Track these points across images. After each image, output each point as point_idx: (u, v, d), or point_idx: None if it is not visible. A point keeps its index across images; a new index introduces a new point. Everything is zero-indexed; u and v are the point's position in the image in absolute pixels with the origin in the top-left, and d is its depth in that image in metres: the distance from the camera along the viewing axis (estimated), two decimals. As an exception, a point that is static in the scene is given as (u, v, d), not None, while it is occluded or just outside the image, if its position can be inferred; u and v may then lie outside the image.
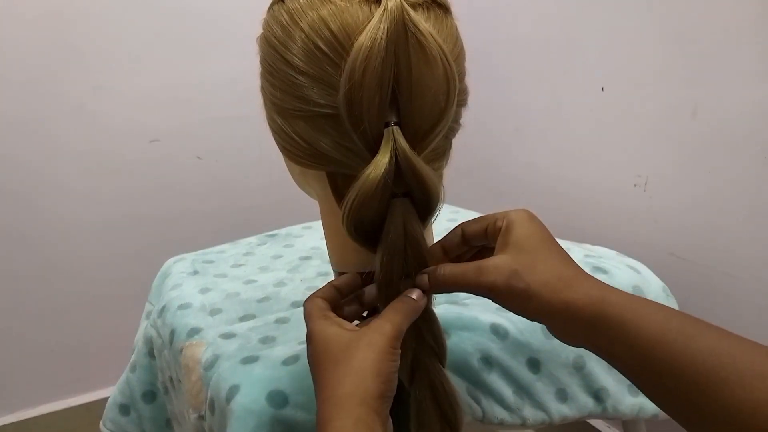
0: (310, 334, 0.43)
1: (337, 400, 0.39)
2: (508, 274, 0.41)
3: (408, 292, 0.44)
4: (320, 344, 0.42)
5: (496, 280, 0.41)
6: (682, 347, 0.35)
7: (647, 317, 0.37)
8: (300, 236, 1.05)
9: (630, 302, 0.39)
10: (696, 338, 0.36)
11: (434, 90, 0.42)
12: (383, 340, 0.41)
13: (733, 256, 0.90)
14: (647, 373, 0.37)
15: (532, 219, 0.45)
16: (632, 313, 0.38)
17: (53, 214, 1.36)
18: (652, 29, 0.97)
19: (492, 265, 0.42)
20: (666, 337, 0.36)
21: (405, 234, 0.43)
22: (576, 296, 0.39)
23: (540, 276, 0.41)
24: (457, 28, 0.47)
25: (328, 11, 0.42)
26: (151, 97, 1.39)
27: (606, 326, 0.38)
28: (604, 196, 1.10)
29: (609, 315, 0.38)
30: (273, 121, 0.48)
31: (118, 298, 1.45)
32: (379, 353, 0.40)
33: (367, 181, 0.41)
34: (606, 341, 0.38)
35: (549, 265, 0.42)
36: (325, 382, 0.40)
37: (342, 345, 0.41)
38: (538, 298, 0.40)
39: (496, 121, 1.37)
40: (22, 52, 1.26)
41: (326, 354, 0.41)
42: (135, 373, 0.81)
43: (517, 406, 0.64)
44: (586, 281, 0.41)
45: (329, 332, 0.42)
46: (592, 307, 0.39)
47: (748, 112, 0.85)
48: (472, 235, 0.47)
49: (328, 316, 0.44)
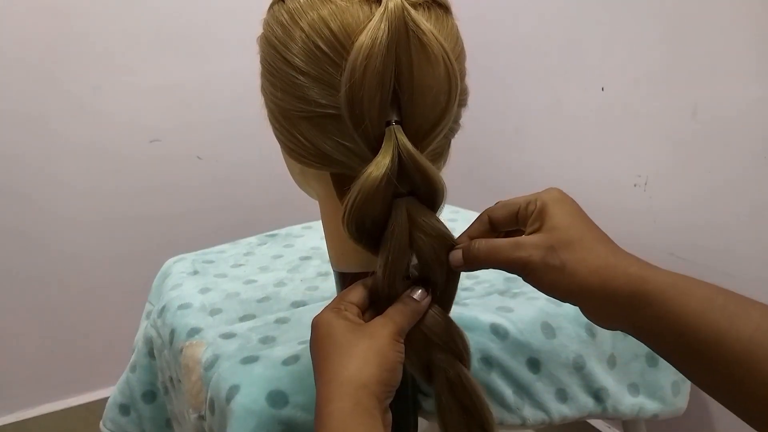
0: (316, 322, 0.44)
1: (338, 383, 0.39)
2: (545, 251, 0.40)
3: (410, 292, 0.44)
4: (324, 330, 0.42)
5: (532, 255, 0.40)
6: (726, 324, 0.34)
7: (690, 294, 0.36)
8: (300, 236, 1.05)
9: (672, 279, 0.37)
10: (740, 315, 0.35)
11: (436, 89, 0.42)
12: (386, 332, 0.42)
13: (733, 256, 0.90)
14: (690, 352, 0.36)
15: (565, 198, 0.44)
16: (674, 290, 0.37)
17: (53, 214, 1.36)
18: (652, 29, 0.97)
19: (528, 241, 0.41)
20: (710, 314, 0.35)
21: (410, 232, 0.43)
22: (614, 274, 0.38)
23: (577, 254, 0.40)
24: (458, 27, 0.47)
25: (329, 11, 0.42)
26: (151, 97, 1.39)
27: (646, 304, 0.37)
28: (604, 196, 1.10)
29: (649, 293, 0.37)
30: (275, 121, 0.48)
31: (118, 298, 1.45)
32: (383, 343, 0.41)
33: (368, 181, 0.41)
34: (646, 320, 0.37)
35: (586, 244, 0.41)
36: (327, 366, 0.41)
37: (347, 333, 0.42)
38: (574, 276, 0.39)
39: (496, 121, 1.37)
40: (22, 52, 1.26)
41: (330, 339, 0.42)
42: (135, 373, 0.81)
43: (517, 406, 0.64)
44: (624, 259, 0.40)
45: (335, 321, 0.43)
46: (631, 285, 0.37)
47: (748, 112, 0.85)
48: (500, 220, 0.46)
49: (339, 310, 0.44)
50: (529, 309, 0.68)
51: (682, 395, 0.75)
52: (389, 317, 0.43)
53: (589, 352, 0.67)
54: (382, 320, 0.43)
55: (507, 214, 0.45)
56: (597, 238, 0.41)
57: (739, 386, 0.34)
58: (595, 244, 0.41)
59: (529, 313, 0.67)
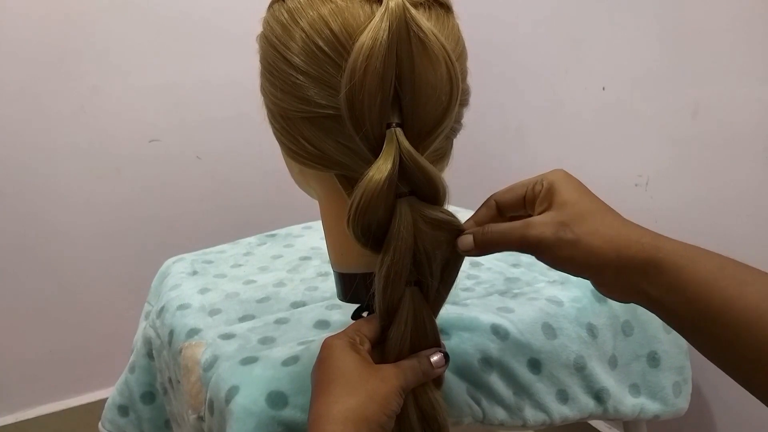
0: (328, 345, 0.44)
1: (344, 408, 0.40)
2: (557, 226, 0.40)
3: (431, 354, 0.45)
4: (336, 355, 0.43)
5: (544, 231, 0.41)
6: (736, 292, 0.35)
7: (701, 263, 0.37)
8: (300, 236, 1.05)
9: (683, 249, 0.38)
10: (750, 283, 0.35)
11: (437, 89, 0.41)
12: (396, 383, 0.43)
13: (733, 256, 0.90)
14: (700, 319, 0.36)
15: (570, 177, 0.44)
16: (686, 260, 0.37)
17: (53, 214, 1.36)
18: (653, 29, 0.97)
19: (539, 219, 0.42)
20: (720, 282, 0.36)
21: (415, 230, 0.43)
22: (628, 243, 0.39)
23: (589, 226, 0.40)
24: (459, 27, 0.47)
25: (329, 10, 0.42)
26: (151, 97, 1.39)
27: (659, 272, 0.37)
28: (604, 196, 1.09)
29: (662, 261, 0.37)
30: (274, 122, 0.48)
31: (117, 298, 1.45)
32: (390, 391, 0.42)
33: (371, 184, 0.41)
34: (658, 289, 0.38)
35: (597, 217, 0.41)
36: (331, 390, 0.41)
37: (359, 368, 0.42)
38: (589, 248, 0.39)
39: (497, 120, 1.37)
40: (22, 52, 1.26)
41: (339, 368, 0.42)
42: (134, 374, 0.81)
43: (517, 407, 0.64)
44: (636, 229, 0.40)
45: (349, 353, 0.43)
46: (645, 253, 0.38)
47: (749, 112, 0.85)
48: (507, 204, 0.46)
49: (354, 343, 0.45)
50: (530, 309, 0.67)
51: (684, 396, 0.75)
52: (402, 370, 0.44)
53: (590, 352, 0.67)
54: (396, 371, 0.43)
55: (514, 197, 0.46)
56: (606, 210, 0.42)
57: (747, 355, 0.34)
58: (605, 216, 0.41)
59: (529, 313, 0.67)
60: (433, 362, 0.45)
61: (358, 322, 0.47)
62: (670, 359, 0.73)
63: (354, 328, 0.46)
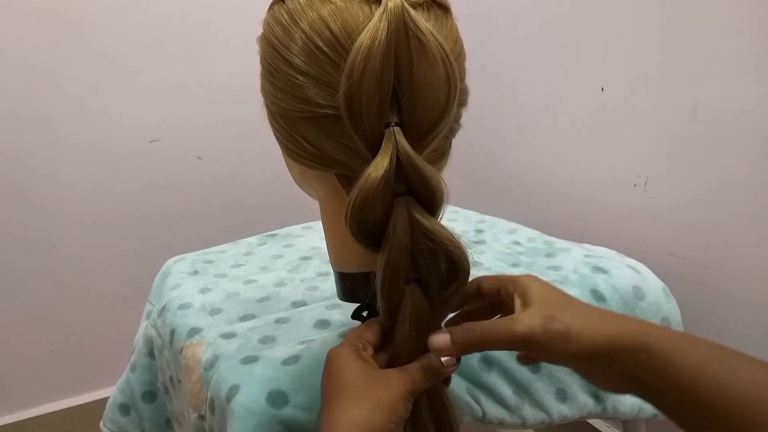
0: (333, 356, 0.45)
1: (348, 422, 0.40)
2: (545, 319, 0.40)
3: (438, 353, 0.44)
4: (341, 365, 0.44)
5: (533, 325, 0.40)
6: (726, 378, 0.35)
7: (690, 349, 0.37)
8: (300, 236, 1.05)
9: (670, 334, 0.39)
10: (738, 369, 0.36)
11: (435, 89, 0.42)
12: (402, 388, 0.42)
13: (732, 256, 0.90)
14: (692, 405, 0.36)
15: (541, 280, 0.46)
16: (674, 345, 0.37)
17: (53, 214, 1.36)
18: (652, 29, 0.97)
19: (525, 315, 0.42)
20: (710, 368, 0.36)
21: (411, 230, 0.43)
22: (618, 330, 0.39)
23: (575, 316, 0.40)
24: (457, 28, 0.47)
25: (329, 11, 0.42)
26: (151, 97, 1.39)
27: (650, 357, 0.37)
28: (603, 196, 1.10)
29: (652, 346, 0.37)
30: (274, 122, 0.48)
31: (118, 298, 1.45)
32: (396, 397, 0.42)
33: (368, 182, 0.41)
34: (651, 375, 0.38)
35: (579, 308, 0.42)
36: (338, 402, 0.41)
37: (364, 375, 0.43)
38: (580, 337, 0.39)
39: (496, 121, 1.37)
40: (22, 52, 1.26)
41: (344, 378, 0.43)
42: (135, 373, 0.81)
43: (517, 406, 0.64)
44: (623, 317, 0.41)
45: (353, 361, 0.44)
46: (634, 339, 0.38)
47: (748, 112, 0.85)
48: (486, 291, 0.48)
49: (357, 350, 0.45)
50: (529, 309, 0.67)
51: (682, 395, 0.75)
52: (409, 374, 0.43)
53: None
54: (401, 375, 0.43)
55: (492, 287, 0.47)
56: (583, 303, 0.43)
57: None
58: (586, 307, 0.42)
59: (529, 313, 0.67)
60: (444, 362, 0.44)
61: (359, 328, 0.47)
62: (669, 358, 0.73)
63: (356, 335, 0.46)
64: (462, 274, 0.45)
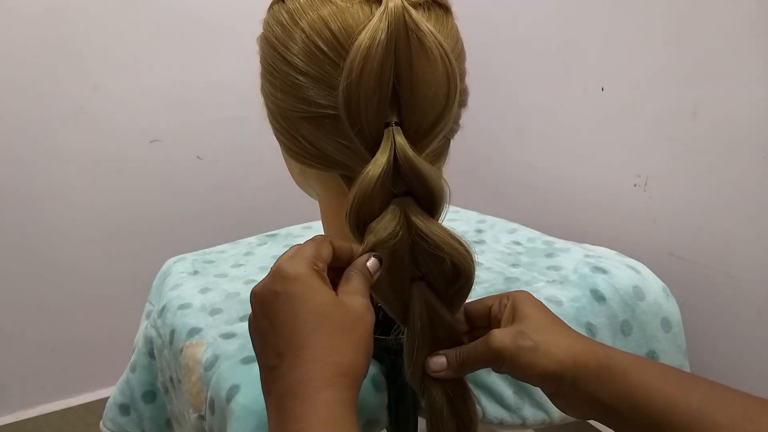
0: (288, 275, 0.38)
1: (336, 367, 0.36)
2: (516, 335, 0.42)
3: (362, 258, 0.42)
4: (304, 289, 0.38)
5: (504, 340, 0.42)
6: (680, 396, 0.38)
7: (647, 370, 0.40)
8: (300, 236, 1.05)
9: (633, 358, 0.41)
10: (691, 388, 0.38)
11: (435, 89, 0.42)
12: (369, 318, 0.40)
13: (732, 256, 0.90)
14: (646, 423, 0.38)
15: (532, 296, 0.47)
16: (634, 367, 0.40)
17: (53, 214, 1.36)
18: (652, 29, 0.97)
19: (499, 331, 0.43)
20: (665, 387, 0.38)
21: (409, 231, 0.43)
22: (583, 351, 0.41)
23: (546, 336, 0.42)
24: (458, 28, 0.47)
25: (329, 11, 0.42)
26: (151, 97, 1.39)
27: (610, 378, 0.40)
28: (603, 196, 1.10)
29: (614, 367, 0.40)
30: (275, 122, 0.48)
31: (118, 298, 1.46)
32: (366, 331, 0.39)
33: (365, 180, 0.41)
34: (611, 396, 0.40)
35: (555, 329, 0.44)
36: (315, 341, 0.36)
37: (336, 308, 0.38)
38: (547, 355, 0.41)
39: (496, 121, 1.37)
40: (22, 52, 1.26)
41: (314, 308, 0.37)
42: (135, 373, 0.81)
43: (517, 406, 0.64)
44: (590, 341, 0.43)
45: (320, 287, 0.38)
46: (598, 361, 0.41)
47: (748, 112, 0.85)
48: (474, 315, 0.48)
49: (320, 271, 0.40)
50: (529, 309, 0.68)
51: (682, 395, 0.75)
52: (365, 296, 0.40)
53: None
54: (366, 303, 0.40)
55: (480, 308, 0.48)
56: (563, 325, 0.45)
57: None
58: (562, 329, 0.44)
59: (529, 313, 0.67)
60: (370, 267, 0.42)
61: (313, 244, 0.41)
62: (668, 358, 0.73)
63: (313, 254, 0.40)
64: (464, 275, 0.45)
